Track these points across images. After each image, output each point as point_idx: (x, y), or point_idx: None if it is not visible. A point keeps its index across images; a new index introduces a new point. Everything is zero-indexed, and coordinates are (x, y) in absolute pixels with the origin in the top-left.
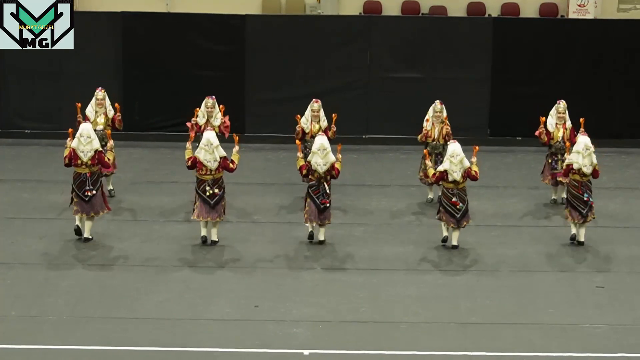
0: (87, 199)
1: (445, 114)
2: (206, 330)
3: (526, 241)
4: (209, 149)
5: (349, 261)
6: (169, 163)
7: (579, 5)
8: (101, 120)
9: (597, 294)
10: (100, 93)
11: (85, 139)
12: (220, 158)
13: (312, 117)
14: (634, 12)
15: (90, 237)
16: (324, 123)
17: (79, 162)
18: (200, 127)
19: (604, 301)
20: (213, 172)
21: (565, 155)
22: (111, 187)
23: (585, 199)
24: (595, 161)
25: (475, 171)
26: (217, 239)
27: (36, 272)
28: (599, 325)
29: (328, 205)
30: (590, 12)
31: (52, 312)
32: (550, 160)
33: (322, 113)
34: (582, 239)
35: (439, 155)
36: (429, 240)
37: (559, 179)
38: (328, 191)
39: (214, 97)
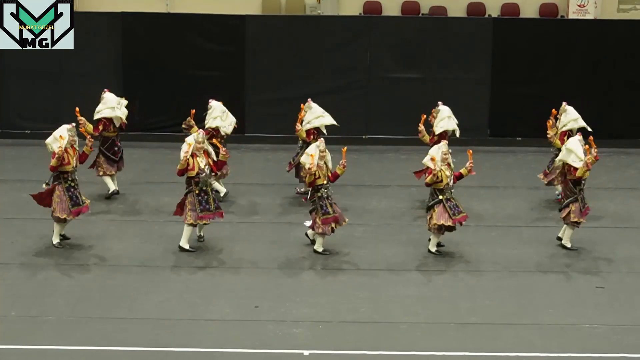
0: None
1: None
2: (206, 330)
3: (526, 241)
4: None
5: (348, 261)
6: (169, 163)
7: (579, 6)
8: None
9: (597, 294)
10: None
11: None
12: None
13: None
14: (634, 12)
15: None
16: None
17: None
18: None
19: (603, 301)
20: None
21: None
22: (115, 188)
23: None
24: (565, 159)
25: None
26: (201, 234)
27: (36, 272)
28: (599, 326)
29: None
30: (590, 13)
31: (52, 312)
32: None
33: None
34: (568, 242)
35: None
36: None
37: (547, 180)
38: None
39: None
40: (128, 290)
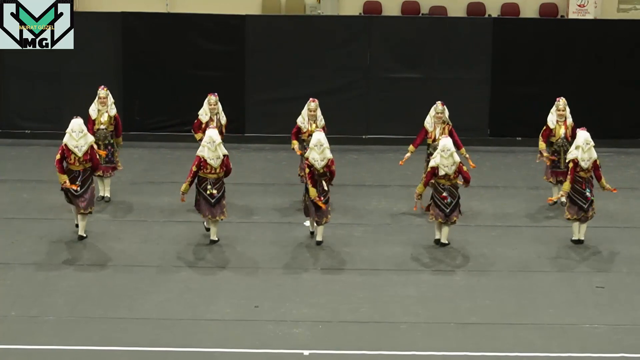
0: (76, 193)
1: (447, 114)
2: (206, 330)
3: (526, 241)
4: (212, 147)
5: (348, 261)
6: (169, 163)
7: (579, 5)
8: (104, 118)
9: (597, 294)
10: (102, 91)
11: (78, 134)
12: (223, 156)
13: (309, 117)
14: (634, 12)
15: (85, 235)
16: (320, 122)
17: (72, 157)
18: (203, 124)
19: (604, 301)
20: (217, 171)
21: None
22: (108, 194)
23: (587, 195)
24: (594, 156)
25: (467, 171)
26: (216, 238)
27: (36, 272)
28: (599, 325)
29: (323, 202)
30: (590, 12)
31: (52, 312)
32: (552, 158)
33: (319, 112)
34: (582, 237)
35: None
36: (429, 241)
37: (561, 179)
38: (326, 188)
39: (216, 94)
40: (128, 290)
